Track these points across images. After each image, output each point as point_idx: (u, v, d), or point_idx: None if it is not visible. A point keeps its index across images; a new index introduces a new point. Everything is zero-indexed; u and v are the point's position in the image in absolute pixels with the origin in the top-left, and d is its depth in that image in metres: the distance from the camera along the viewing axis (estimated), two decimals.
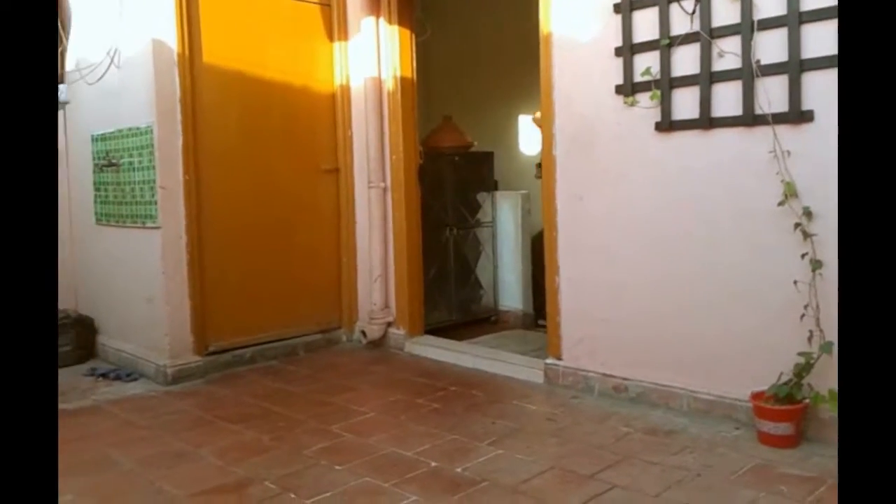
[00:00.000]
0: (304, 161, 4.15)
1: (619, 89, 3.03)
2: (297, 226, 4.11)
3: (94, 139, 4.00)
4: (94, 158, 4.02)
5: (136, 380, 3.63)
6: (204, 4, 3.68)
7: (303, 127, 4.14)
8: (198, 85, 3.67)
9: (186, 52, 3.59)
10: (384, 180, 4.11)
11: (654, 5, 2.90)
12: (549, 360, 3.37)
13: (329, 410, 3.10)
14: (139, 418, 3.08)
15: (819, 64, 2.49)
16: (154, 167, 3.56)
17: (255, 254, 3.91)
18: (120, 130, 3.78)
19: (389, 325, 4.15)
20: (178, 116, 3.59)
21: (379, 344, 4.15)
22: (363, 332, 4.15)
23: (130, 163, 3.72)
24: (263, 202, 3.95)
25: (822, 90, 2.49)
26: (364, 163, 4.16)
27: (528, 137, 5.43)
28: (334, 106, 4.26)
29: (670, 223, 2.91)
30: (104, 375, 3.70)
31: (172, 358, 3.58)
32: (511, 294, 4.84)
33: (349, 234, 4.29)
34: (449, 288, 4.63)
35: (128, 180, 3.76)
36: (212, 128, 3.73)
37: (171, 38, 3.54)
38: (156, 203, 3.56)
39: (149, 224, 3.62)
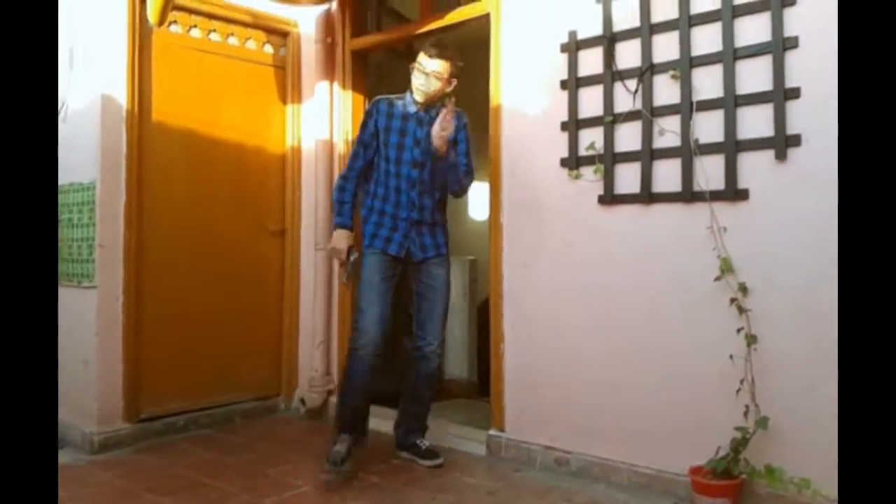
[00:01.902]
0: (250, 221, 4.09)
1: (565, 162, 3.09)
2: (239, 288, 4.02)
3: None
4: None
5: (61, 448, 3.43)
6: (157, 61, 3.67)
7: (251, 187, 4.10)
8: (145, 142, 3.61)
9: (136, 108, 3.56)
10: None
11: (598, 83, 2.99)
12: (491, 432, 3.31)
13: (263, 483, 2.97)
14: (60, 491, 2.90)
15: (754, 145, 2.58)
16: (94, 224, 3.46)
17: (195, 316, 3.80)
18: (61, 186, 3.68)
19: (330, 393, 4.04)
20: (123, 174, 3.52)
21: (319, 413, 4.02)
22: (302, 400, 4.03)
23: (70, 219, 3.62)
24: (206, 262, 3.86)
25: (757, 170, 2.58)
26: (312, 225, 4.13)
27: (477, 203, 5.49)
28: (284, 167, 4.25)
29: (614, 295, 2.93)
30: None
31: (101, 425, 3.41)
32: (456, 362, 4.79)
33: (293, 298, 4.21)
34: (392, 355, 4.54)
35: (66, 237, 3.64)
36: (157, 186, 3.66)
37: (121, 93, 3.51)
38: (93, 262, 3.45)
39: (85, 283, 3.50)
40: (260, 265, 4.14)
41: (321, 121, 4.11)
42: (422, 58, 3.07)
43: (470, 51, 3.51)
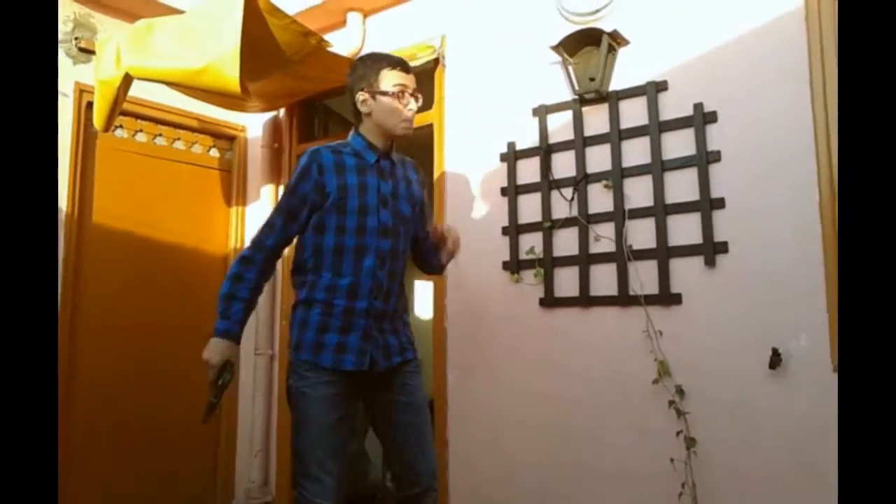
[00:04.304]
0: (189, 324, 3.97)
1: (506, 265, 3.15)
2: (176, 394, 3.86)
3: None
4: None
5: None
6: (100, 165, 3.66)
7: (191, 289, 4.03)
8: (84, 245, 3.55)
9: (76, 212, 3.52)
10: (272, 347, 4.01)
11: (536, 191, 3.10)
12: None
13: None
14: None
15: (684, 251, 2.68)
16: None
17: (127, 425, 3.63)
18: None
19: None
20: (59, 277, 3.43)
21: None
22: None
23: None
24: (141, 367, 3.73)
25: (688, 275, 2.67)
26: (252, 328, 4.06)
27: (423, 304, 5.50)
28: (226, 268, 4.19)
29: (556, 399, 2.94)
30: None
31: None
32: None
33: (230, 404, 4.07)
34: None
35: None
36: (95, 289, 3.58)
37: (61, 197, 3.46)
38: None
39: None
40: (198, 370, 3.99)
41: None
42: (391, 74, 2.22)
43: (417, 155, 3.62)
